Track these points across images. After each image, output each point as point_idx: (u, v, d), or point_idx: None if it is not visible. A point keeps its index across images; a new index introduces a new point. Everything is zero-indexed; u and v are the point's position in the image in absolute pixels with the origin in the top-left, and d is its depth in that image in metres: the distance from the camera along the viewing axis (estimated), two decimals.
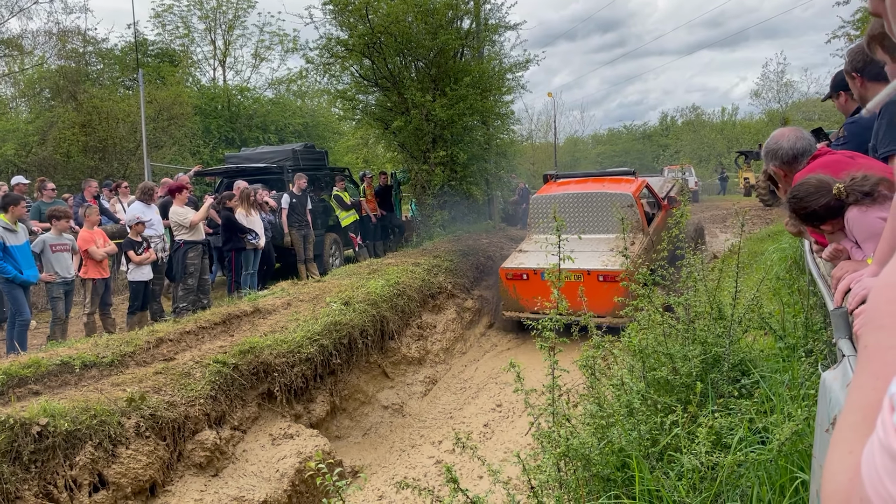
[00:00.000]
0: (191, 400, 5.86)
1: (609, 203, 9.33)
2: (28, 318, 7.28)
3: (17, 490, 4.46)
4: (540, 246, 8.82)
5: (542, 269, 8.62)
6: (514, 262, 9.44)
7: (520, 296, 9.18)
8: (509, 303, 9.39)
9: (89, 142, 20.00)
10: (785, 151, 3.21)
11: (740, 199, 29.48)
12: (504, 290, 9.40)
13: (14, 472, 4.47)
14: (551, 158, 49.22)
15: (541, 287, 8.80)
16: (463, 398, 7.81)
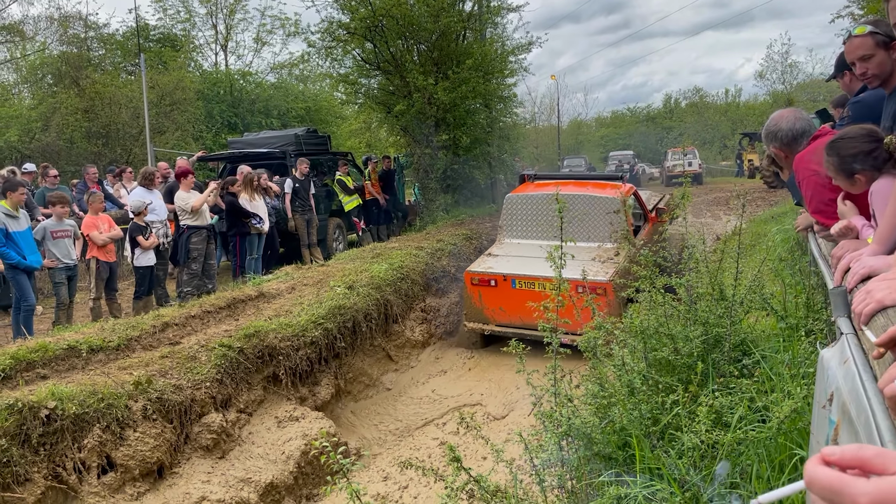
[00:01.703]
0: (197, 383, 5.91)
1: (593, 207, 8.29)
2: (33, 304, 7.33)
3: (26, 472, 4.52)
4: (513, 251, 8.49)
5: (512, 276, 7.78)
6: (482, 265, 8.32)
7: (485, 305, 8.09)
8: (472, 312, 8.24)
9: (92, 127, 20.01)
10: (784, 133, 3.21)
11: (744, 181, 29.38)
12: (468, 296, 8.25)
13: (23, 455, 4.53)
14: (555, 142, 49.08)
15: (510, 297, 7.81)
16: (468, 381, 7.85)
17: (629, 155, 38.33)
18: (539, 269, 7.37)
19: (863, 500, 0.66)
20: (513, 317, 7.77)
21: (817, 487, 0.70)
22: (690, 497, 2.63)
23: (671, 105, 60.26)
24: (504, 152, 20.28)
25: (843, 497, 0.68)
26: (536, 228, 8.58)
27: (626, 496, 2.64)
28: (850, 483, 0.69)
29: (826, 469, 0.72)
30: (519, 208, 8.93)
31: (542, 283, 7.37)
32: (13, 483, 4.41)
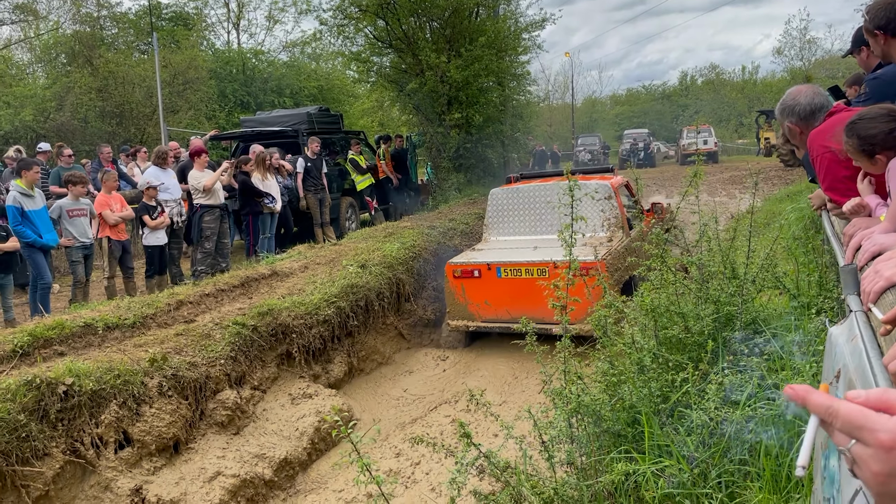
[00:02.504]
0: (211, 360, 5.98)
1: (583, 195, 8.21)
2: (49, 282, 7.42)
3: (45, 447, 4.60)
4: (498, 247, 7.99)
5: (497, 264, 7.17)
6: (465, 257, 7.84)
7: (469, 300, 7.50)
8: (456, 309, 7.62)
9: (106, 107, 20.08)
10: (803, 107, 3.16)
11: (760, 160, 29.07)
12: (450, 292, 7.65)
13: (42, 430, 4.61)
14: (569, 120, 48.76)
15: (495, 287, 7.25)
16: (480, 359, 7.88)
17: (644, 133, 37.99)
18: (526, 255, 7.09)
19: (884, 437, 0.67)
20: (499, 310, 7.25)
21: (840, 421, 0.71)
22: (699, 474, 2.65)
23: (687, 82, 59.64)
24: (517, 131, 20.18)
25: (864, 432, 0.69)
26: (524, 223, 8.18)
27: (634, 472, 2.67)
28: (873, 418, 0.70)
29: (850, 403, 0.72)
30: (505, 203, 8.43)
31: (530, 269, 6.88)
32: (32, 457, 4.50)
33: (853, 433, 0.71)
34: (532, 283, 6.78)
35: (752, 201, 3.83)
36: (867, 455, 0.69)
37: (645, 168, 31.76)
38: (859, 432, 0.70)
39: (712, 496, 2.53)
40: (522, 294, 6.83)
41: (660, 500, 2.64)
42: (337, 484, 5.51)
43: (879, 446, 0.68)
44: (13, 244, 6.92)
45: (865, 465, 0.70)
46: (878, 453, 0.68)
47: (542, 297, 6.51)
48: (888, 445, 0.67)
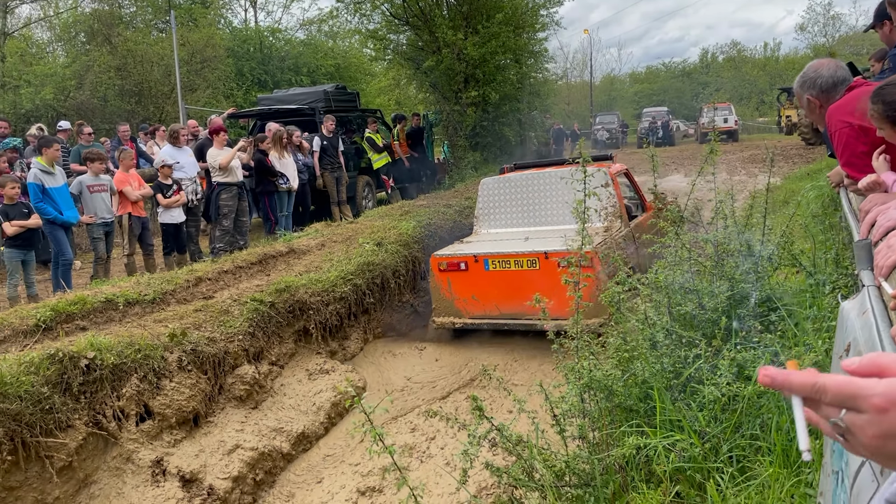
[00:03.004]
0: (230, 336, 6.07)
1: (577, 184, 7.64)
2: (70, 258, 7.53)
3: (68, 419, 4.71)
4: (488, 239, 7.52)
5: (485, 256, 6.69)
6: (451, 249, 7.37)
7: (455, 295, 7.01)
8: (442, 305, 7.15)
9: (125, 85, 20.20)
10: (825, 80, 3.12)
11: (781, 138, 28.68)
12: (435, 287, 7.17)
13: (65, 402, 4.71)
14: (587, 98, 48.35)
15: (483, 281, 6.78)
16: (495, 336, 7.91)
17: (663, 111, 37.57)
18: (516, 246, 6.71)
19: (878, 400, 0.68)
20: (488, 306, 6.80)
21: (830, 394, 0.71)
22: (710, 448, 2.67)
23: (708, 60, 58.82)
24: (534, 109, 20.05)
25: (857, 399, 0.69)
26: (516, 214, 7.71)
27: (645, 446, 2.69)
28: (864, 384, 0.70)
29: (836, 375, 0.73)
30: (496, 193, 7.90)
31: (520, 261, 6.45)
32: (56, 429, 4.60)
33: (845, 403, 0.71)
34: (522, 276, 6.40)
35: (767, 178, 3.80)
36: (862, 421, 0.70)
37: (664, 147, 31.47)
38: (852, 401, 0.70)
39: (723, 470, 2.55)
40: (512, 288, 6.48)
41: (670, 473, 2.67)
42: (353, 458, 5.60)
43: (874, 410, 0.68)
44: (35, 221, 7.02)
45: (861, 432, 0.70)
46: (873, 417, 0.68)
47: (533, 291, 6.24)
48: (883, 407, 0.68)
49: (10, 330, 5.31)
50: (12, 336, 5.28)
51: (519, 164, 8.86)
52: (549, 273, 6.10)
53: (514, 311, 6.45)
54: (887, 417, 0.68)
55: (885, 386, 0.69)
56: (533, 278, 6.26)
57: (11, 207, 6.99)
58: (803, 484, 2.29)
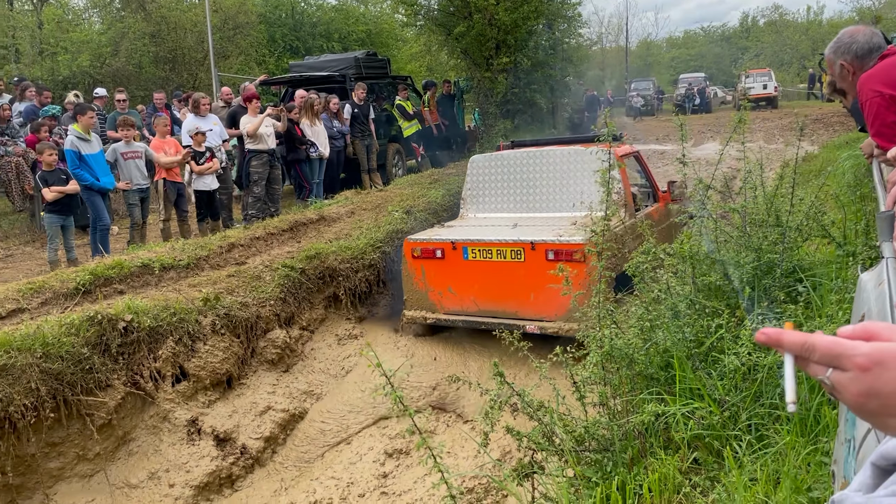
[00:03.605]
0: (262, 301, 6.21)
1: (578, 165, 6.39)
2: (108, 223, 7.72)
3: (107, 379, 4.90)
4: (473, 224, 6.74)
5: (464, 243, 5.89)
6: (428, 233, 6.54)
7: (429, 286, 6.19)
8: (414, 297, 6.35)
9: (159, 52, 20.38)
10: (860, 45, 3.06)
11: (822, 105, 27.90)
12: (408, 275, 6.34)
13: (104, 363, 4.90)
14: (622, 64, 47.41)
15: (461, 272, 5.99)
16: None
17: (700, 77, 36.68)
18: (501, 233, 5.95)
19: (860, 360, 0.73)
20: (465, 301, 6.03)
21: (818, 353, 0.76)
22: (729, 416, 2.70)
23: (748, 24, 57.21)
24: (567, 75, 19.76)
25: (842, 359, 0.74)
26: (507, 198, 6.88)
27: (664, 413, 2.72)
28: (848, 345, 0.75)
29: (823, 335, 0.78)
30: (486, 173, 7.02)
31: (503, 251, 5.70)
32: (95, 388, 4.79)
33: (832, 362, 0.76)
34: (505, 269, 5.69)
35: (796, 147, 3.75)
36: (846, 379, 0.75)
37: (700, 114, 30.84)
38: (837, 360, 0.75)
39: (741, 438, 2.58)
40: (493, 281, 5.78)
41: (689, 440, 2.71)
42: (382, 420, 5.71)
43: (857, 368, 0.73)
44: (73, 187, 7.20)
45: (845, 389, 0.75)
46: (857, 375, 0.73)
47: (517, 286, 5.59)
48: (865, 366, 0.73)
49: (51, 293, 5.50)
50: (53, 299, 5.47)
51: (518, 142, 8.01)
52: (536, 266, 5.44)
53: (494, 308, 5.81)
54: (869, 376, 0.73)
55: (868, 347, 0.74)
56: (517, 271, 5.60)
57: (50, 174, 7.17)
58: (820, 452, 2.31)
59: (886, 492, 0.80)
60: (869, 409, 0.75)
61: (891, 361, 0.73)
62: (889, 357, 0.73)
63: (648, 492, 2.54)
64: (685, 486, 2.50)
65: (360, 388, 5.93)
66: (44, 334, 4.63)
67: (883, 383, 0.72)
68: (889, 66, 2.84)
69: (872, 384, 0.73)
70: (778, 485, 2.29)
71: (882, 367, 0.73)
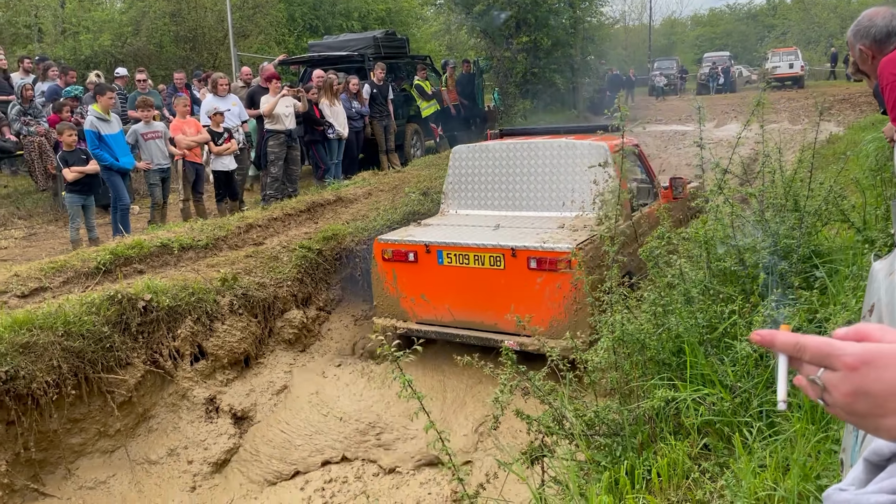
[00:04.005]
0: (279, 281, 6.27)
1: (569, 160, 5.83)
2: (128, 203, 7.80)
3: (127, 357, 4.98)
4: (453, 222, 6.16)
5: (438, 247, 5.34)
6: (401, 233, 5.91)
7: (401, 292, 5.64)
8: (385, 303, 5.78)
9: (180, 31, 20.42)
10: (879, 29, 3.00)
11: (850, 85, 27.34)
12: (378, 279, 5.78)
13: (124, 342, 4.98)
14: (645, 43, 46.77)
15: (435, 277, 5.43)
16: None
17: (725, 56, 36.13)
18: (479, 236, 5.38)
19: (848, 359, 0.74)
20: (440, 309, 5.46)
21: (809, 353, 0.78)
22: (740, 403, 2.69)
23: (775, 1, 55.97)
24: (588, 55, 19.55)
25: (832, 358, 0.76)
26: (492, 194, 6.29)
27: (675, 399, 2.72)
28: (837, 345, 0.77)
29: (814, 336, 0.80)
30: (469, 165, 6.39)
31: (480, 256, 5.14)
32: (116, 366, 4.88)
33: (822, 362, 0.77)
34: (483, 276, 5.15)
35: (815, 131, 3.68)
36: (835, 379, 0.76)
37: (724, 94, 30.40)
38: (827, 360, 0.76)
39: (752, 424, 2.57)
40: (470, 289, 5.27)
41: (699, 426, 2.70)
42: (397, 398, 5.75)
43: (846, 368, 0.74)
44: (93, 167, 7.28)
45: (835, 389, 0.76)
46: (846, 375, 0.75)
47: (496, 296, 5.08)
48: (853, 366, 0.74)
49: (72, 272, 5.59)
50: (75, 278, 5.56)
51: (506, 131, 7.36)
52: (517, 274, 4.98)
53: (471, 320, 5.29)
54: (857, 375, 0.74)
55: (857, 347, 0.76)
56: (496, 280, 5.09)
57: (70, 154, 7.25)
58: (830, 440, 2.30)
59: (875, 488, 0.81)
60: (858, 410, 0.75)
61: (879, 361, 0.74)
62: (878, 357, 0.74)
63: (657, 476, 2.55)
64: (694, 472, 2.50)
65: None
66: (65, 313, 4.71)
67: (871, 382, 0.73)
68: None
69: (861, 384, 0.74)
70: (787, 472, 2.28)
71: (870, 366, 0.73)
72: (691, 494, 2.41)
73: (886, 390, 0.73)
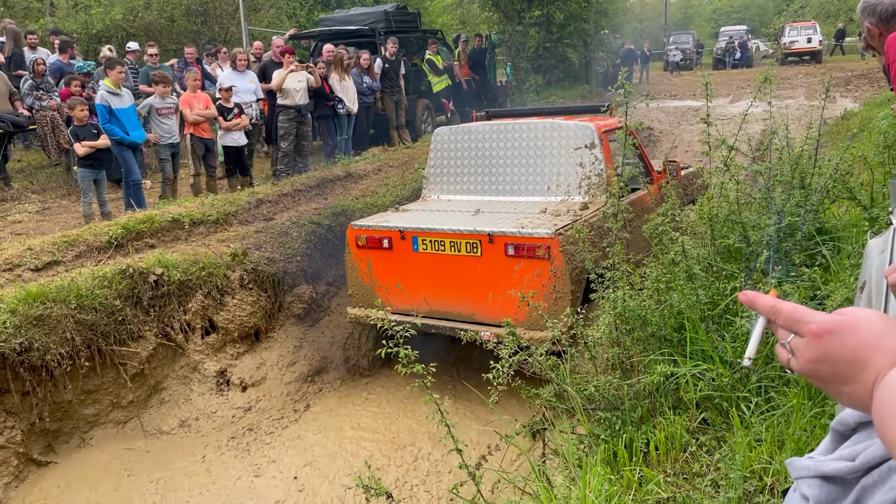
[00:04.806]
0: (288, 257, 6.32)
1: (555, 141, 5.57)
2: (139, 178, 7.85)
3: (139, 330, 5.07)
4: (432, 207, 5.90)
5: (414, 233, 5.11)
6: (375, 219, 5.66)
7: (375, 280, 5.40)
8: (359, 292, 5.53)
9: (191, 5, 20.33)
10: (885, 7, 2.97)
11: (868, 60, 26.88)
12: (352, 268, 5.53)
13: (136, 315, 5.06)
14: (661, 16, 46.08)
15: (411, 265, 5.21)
16: None
17: (742, 30, 35.57)
18: (456, 221, 5.17)
19: (814, 327, 0.79)
20: (416, 299, 5.22)
21: (782, 317, 0.83)
22: (738, 378, 2.71)
23: None
24: (602, 29, 19.33)
25: (800, 324, 0.81)
26: (473, 178, 6.00)
27: (674, 375, 2.75)
28: (807, 313, 0.82)
29: (789, 302, 0.85)
30: (452, 148, 6.09)
31: (457, 243, 4.92)
32: (128, 339, 4.97)
33: (791, 327, 0.82)
34: (459, 263, 4.95)
35: (822, 107, 3.65)
36: (801, 344, 0.80)
37: (741, 69, 29.99)
38: (796, 325, 0.81)
39: (750, 399, 2.60)
40: (447, 278, 5.09)
41: (698, 401, 2.73)
42: None
43: (810, 334, 0.79)
44: (104, 141, 7.32)
45: (800, 353, 0.81)
46: (810, 341, 0.79)
47: (473, 285, 4.90)
48: (817, 333, 0.79)
49: (85, 246, 5.67)
50: (87, 252, 5.64)
51: (493, 112, 6.97)
52: (494, 262, 4.79)
53: (448, 310, 5.11)
54: (821, 343, 0.78)
55: (823, 316, 0.80)
56: (473, 267, 4.89)
57: (81, 128, 7.30)
58: (825, 416, 2.32)
59: (836, 455, 0.85)
60: (820, 375, 0.80)
61: (842, 330, 0.78)
62: (840, 326, 0.78)
63: (655, 450, 2.58)
64: (692, 445, 2.54)
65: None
66: (78, 286, 4.79)
67: (832, 350, 0.77)
68: None
69: (823, 350, 0.78)
70: (782, 447, 2.31)
71: (833, 335, 0.78)
72: (688, 467, 2.45)
73: (846, 358, 0.77)
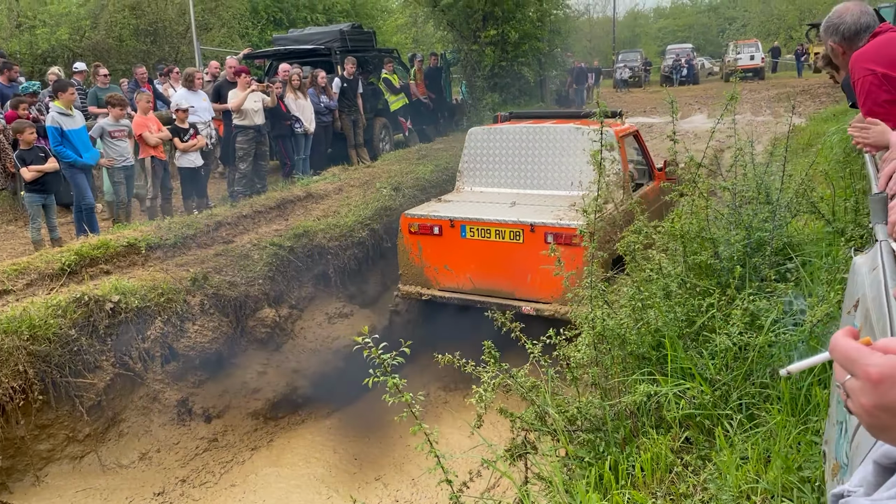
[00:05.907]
0: (250, 280, 6.17)
1: (578, 144, 6.26)
2: (92, 202, 7.60)
3: (95, 360, 4.87)
4: (471, 199, 6.69)
5: (462, 221, 5.93)
6: (426, 208, 6.50)
7: (425, 262, 6.23)
8: (410, 272, 6.37)
9: (140, 25, 19.96)
10: (848, 26, 3.04)
11: (809, 76, 27.89)
12: (404, 250, 6.36)
13: (92, 345, 4.87)
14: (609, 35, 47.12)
15: (458, 250, 6.02)
16: None
17: (687, 49, 36.55)
18: (499, 212, 5.98)
19: (873, 370, 0.73)
20: (461, 278, 6.08)
21: (837, 354, 0.78)
22: (720, 396, 2.72)
23: None
24: (555, 47, 19.61)
25: (857, 365, 0.75)
26: (505, 173, 6.82)
27: (656, 394, 2.74)
28: (865, 353, 0.75)
29: (850, 339, 0.78)
30: (484, 146, 6.95)
31: (501, 231, 5.75)
32: (84, 370, 4.77)
33: (847, 366, 0.76)
34: (503, 249, 5.74)
35: (789, 126, 3.73)
36: (857, 388, 0.74)
37: (688, 85, 30.79)
38: (851, 365, 0.75)
39: (732, 417, 2.60)
40: (490, 261, 5.87)
41: (680, 419, 2.73)
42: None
43: (868, 379, 0.73)
44: (52, 165, 7.08)
45: (856, 398, 0.75)
46: (867, 386, 0.73)
47: (514, 267, 5.70)
48: (876, 379, 0.72)
49: (36, 273, 5.44)
50: (39, 280, 5.41)
51: (516, 115, 7.81)
52: (534, 248, 5.46)
53: (490, 288, 5.91)
54: (880, 389, 0.71)
55: (882, 358, 0.73)
56: (515, 252, 5.65)
57: (28, 152, 7.04)
58: (810, 432, 2.34)
59: (890, 493, 0.80)
60: (880, 424, 0.74)
61: None
62: None
63: (640, 471, 2.56)
64: (677, 466, 2.52)
65: None
66: (30, 316, 4.59)
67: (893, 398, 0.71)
68: (881, 45, 2.82)
69: (883, 398, 0.72)
70: (769, 464, 2.31)
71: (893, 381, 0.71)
72: (674, 488, 2.43)
73: None
